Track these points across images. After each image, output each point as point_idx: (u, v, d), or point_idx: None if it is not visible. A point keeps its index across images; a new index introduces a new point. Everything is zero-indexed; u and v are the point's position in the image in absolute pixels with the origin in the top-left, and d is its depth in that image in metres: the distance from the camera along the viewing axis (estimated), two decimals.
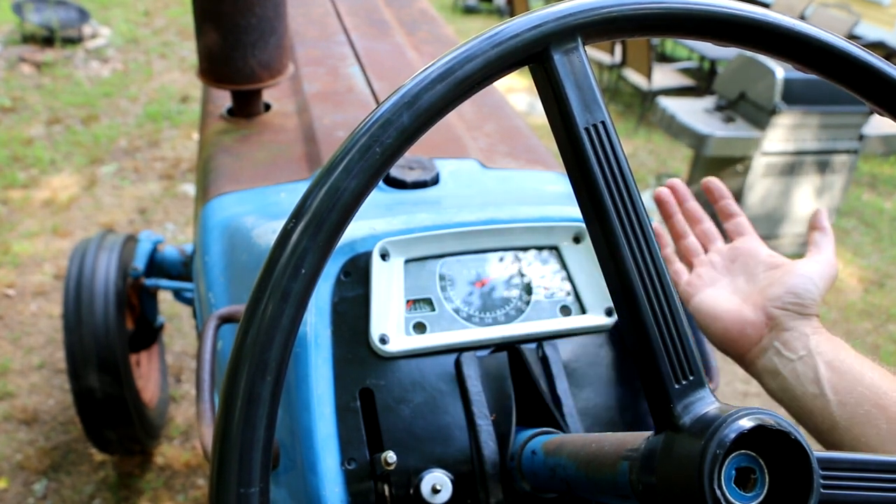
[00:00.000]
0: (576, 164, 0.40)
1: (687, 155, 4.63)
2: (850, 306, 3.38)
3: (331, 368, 0.67)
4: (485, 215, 0.76)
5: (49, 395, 2.38)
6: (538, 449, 0.60)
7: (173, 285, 1.92)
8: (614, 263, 0.40)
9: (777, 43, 0.42)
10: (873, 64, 0.42)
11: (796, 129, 3.21)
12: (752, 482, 0.36)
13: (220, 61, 1.17)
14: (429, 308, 0.72)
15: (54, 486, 2.08)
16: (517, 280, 0.76)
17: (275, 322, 0.36)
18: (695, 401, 0.38)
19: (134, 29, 6.22)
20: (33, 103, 4.55)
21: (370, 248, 0.71)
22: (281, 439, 0.68)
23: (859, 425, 0.56)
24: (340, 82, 1.37)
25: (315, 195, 0.37)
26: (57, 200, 3.50)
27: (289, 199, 1.00)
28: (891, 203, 4.48)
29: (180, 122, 4.48)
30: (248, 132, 1.22)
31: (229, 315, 0.73)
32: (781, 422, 0.35)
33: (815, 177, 3.40)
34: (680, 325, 0.39)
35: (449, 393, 0.68)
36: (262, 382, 0.36)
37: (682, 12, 0.40)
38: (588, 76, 0.40)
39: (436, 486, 0.63)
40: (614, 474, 0.43)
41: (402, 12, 1.89)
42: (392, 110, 0.37)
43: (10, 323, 2.69)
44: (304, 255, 0.36)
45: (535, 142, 1.27)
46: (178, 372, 2.53)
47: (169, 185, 3.75)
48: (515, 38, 0.39)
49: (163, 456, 2.21)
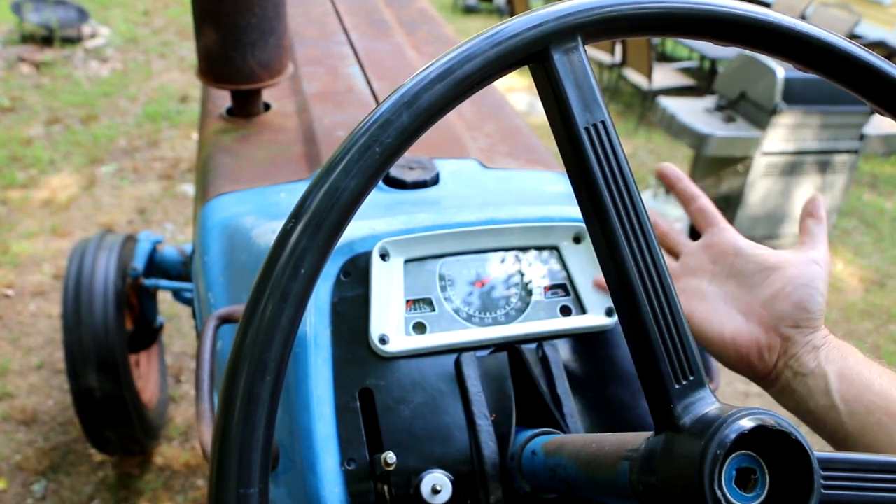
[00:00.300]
0: (576, 163, 0.40)
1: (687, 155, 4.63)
2: (850, 306, 3.38)
3: (330, 368, 0.66)
4: (485, 215, 0.76)
5: (48, 395, 2.38)
6: (538, 449, 0.60)
7: (173, 285, 1.92)
8: (614, 263, 0.40)
9: (778, 43, 0.42)
10: (874, 64, 0.42)
11: (797, 129, 3.21)
12: (752, 482, 0.36)
13: (220, 61, 1.16)
14: (429, 308, 0.72)
15: (53, 486, 2.08)
16: (517, 280, 0.76)
17: (274, 322, 0.36)
18: (695, 401, 0.38)
19: (133, 29, 6.22)
20: (32, 103, 4.55)
21: (370, 248, 0.70)
22: (280, 440, 0.68)
23: (871, 434, 0.55)
24: (340, 82, 1.37)
25: (314, 195, 0.37)
26: (56, 200, 3.50)
27: (288, 199, 1.00)
28: (892, 203, 4.48)
29: (180, 122, 4.48)
30: (247, 132, 1.22)
31: (229, 315, 0.73)
32: (782, 422, 0.35)
33: (816, 177, 3.40)
34: (680, 325, 0.39)
35: (449, 393, 0.68)
36: (262, 382, 0.36)
37: (682, 12, 0.40)
38: (588, 76, 0.40)
39: (436, 487, 0.63)
40: (614, 475, 0.43)
41: (401, 12, 1.89)
42: (392, 110, 0.37)
43: (9, 323, 2.69)
44: (303, 255, 0.36)
45: (535, 142, 1.26)
46: (178, 372, 2.53)
47: (168, 185, 3.75)
48: (515, 38, 0.38)
49: (162, 456, 2.20)
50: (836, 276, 3.62)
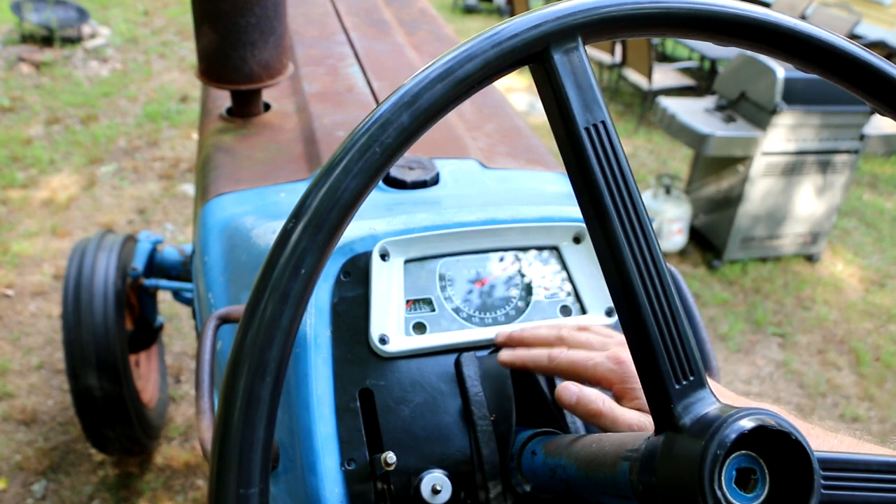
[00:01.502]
0: (576, 163, 0.40)
1: (687, 155, 4.63)
2: (850, 306, 3.38)
3: (330, 369, 0.66)
4: (485, 215, 0.76)
5: (48, 395, 2.38)
6: (538, 449, 0.60)
7: (172, 285, 1.92)
8: (614, 263, 0.40)
9: (778, 42, 0.42)
10: (874, 63, 0.42)
11: (797, 129, 3.21)
12: (752, 483, 0.36)
13: (220, 61, 1.16)
14: (429, 308, 0.72)
15: (53, 486, 2.08)
16: (517, 280, 0.76)
17: (274, 322, 0.36)
18: (695, 401, 0.38)
19: (133, 28, 6.22)
20: (32, 103, 4.55)
21: (370, 248, 0.70)
22: (280, 440, 0.68)
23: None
24: (340, 82, 1.37)
25: (315, 195, 0.37)
26: (56, 200, 3.50)
27: (288, 199, 1.00)
28: (892, 203, 4.48)
29: (179, 122, 4.48)
30: (247, 132, 1.22)
31: (229, 315, 0.73)
32: (782, 422, 0.35)
33: (816, 177, 3.40)
34: (680, 326, 0.39)
35: (449, 393, 0.68)
36: (262, 383, 0.36)
37: (683, 12, 0.40)
38: (588, 76, 0.40)
39: (436, 487, 0.62)
40: (614, 475, 0.43)
41: (401, 12, 1.89)
42: (392, 110, 0.37)
43: (9, 323, 2.69)
44: (303, 255, 0.36)
45: (536, 142, 1.26)
46: (178, 372, 2.53)
47: (168, 185, 3.75)
48: (515, 38, 0.38)
49: (162, 456, 2.20)
50: (837, 276, 3.62)
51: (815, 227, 3.58)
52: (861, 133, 3.32)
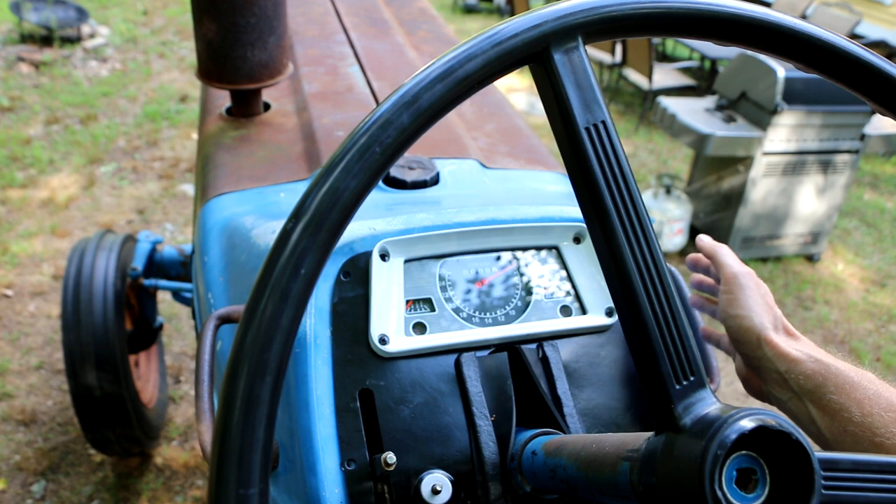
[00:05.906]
0: (576, 163, 0.40)
1: (688, 155, 4.63)
2: (851, 306, 3.38)
3: (330, 369, 0.66)
4: (485, 215, 0.76)
5: (47, 395, 2.38)
6: (538, 449, 0.59)
7: (172, 285, 1.92)
8: (615, 263, 0.39)
9: (778, 42, 0.42)
10: (875, 63, 0.42)
11: (797, 129, 3.21)
12: (753, 483, 0.36)
13: (220, 61, 1.16)
14: (428, 308, 0.72)
15: (53, 487, 2.08)
16: (517, 280, 0.76)
17: (274, 322, 0.36)
18: (695, 401, 0.38)
19: (133, 28, 6.22)
20: (32, 103, 4.55)
21: (370, 248, 0.70)
22: (280, 440, 0.68)
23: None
24: (340, 82, 1.37)
25: (315, 195, 0.37)
26: (55, 200, 3.50)
27: (288, 199, 1.00)
28: (892, 203, 4.48)
29: (179, 122, 4.48)
30: (247, 132, 1.22)
31: (228, 315, 0.73)
32: (783, 422, 0.35)
33: (817, 176, 3.40)
34: (680, 326, 0.39)
35: (449, 393, 0.68)
36: (262, 383, 0.36)
37: (683, 12, 0.40)
38: (588, 76, 0.40)
39: (436, 487, 0.62)
40: (615, 475, 0.43)
41: (401, 12, 1.89)
42: (392, 110, 0.37)
43: (8, 323, 2.68)
44: (303, 256, 0.36)
45: (536, 142, 1.26)
46: (177, 372, 2.53)
47: (168, 185, 3.75)
48: (516, 38, 0.38)
49: (162, 457, 2.20)
50: (837, 276, 3.62)
51: (816, 227, 3.58)
52: (862, 133, 3.33)
